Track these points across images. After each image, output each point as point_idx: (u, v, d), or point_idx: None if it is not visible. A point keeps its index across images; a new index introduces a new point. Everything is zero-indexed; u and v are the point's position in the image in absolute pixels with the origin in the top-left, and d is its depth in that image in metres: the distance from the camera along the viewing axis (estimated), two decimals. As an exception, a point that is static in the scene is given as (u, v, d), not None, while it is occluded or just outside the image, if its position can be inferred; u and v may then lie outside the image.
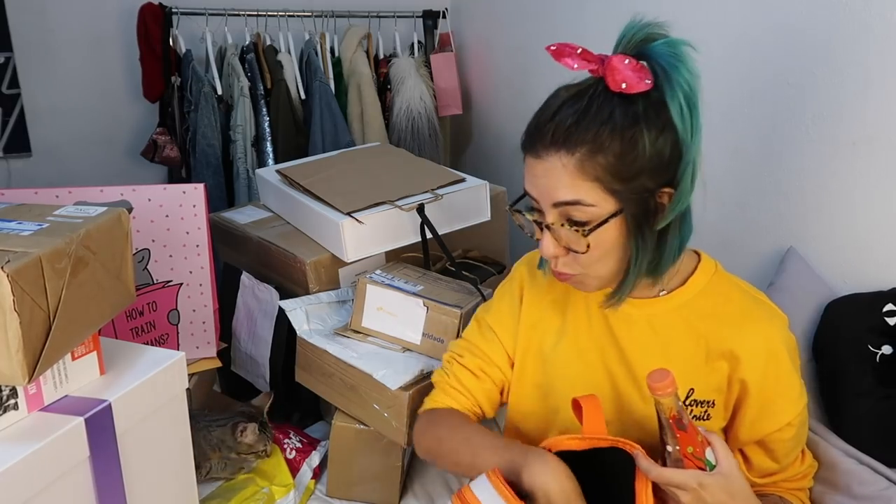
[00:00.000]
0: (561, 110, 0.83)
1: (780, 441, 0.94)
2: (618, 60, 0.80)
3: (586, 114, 0.81)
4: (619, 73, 0.80)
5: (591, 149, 0.81)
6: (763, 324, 0.92)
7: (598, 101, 0.82)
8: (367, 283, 1.33)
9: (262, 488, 1.30)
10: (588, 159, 0.81)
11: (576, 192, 0.83)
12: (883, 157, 1.26)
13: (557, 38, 0.82)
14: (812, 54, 1.36)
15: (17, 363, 0.72)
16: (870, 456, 1.14)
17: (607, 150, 0.81)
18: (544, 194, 0.85)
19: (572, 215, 0.84)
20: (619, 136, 0.80)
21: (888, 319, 1.19)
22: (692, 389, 0.92)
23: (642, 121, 0.80)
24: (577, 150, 0.81)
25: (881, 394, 1.18)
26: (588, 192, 0.82)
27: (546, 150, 0.83)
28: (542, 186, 0.85)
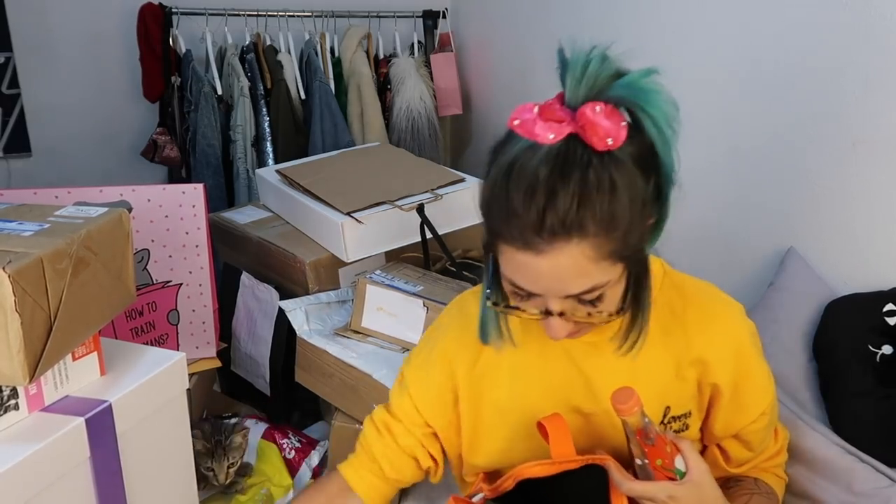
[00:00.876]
0: (554, 192, 0.68)
1: (755, 431, 0.93)
2: (591, 112, 0.68)
3: (586, 188, 0.69)
4: (599, 129, 0.68)
5: (606, 226, 0.70)
6: (724, 321, 0.89)
7: (593, 169, 0.69)
8: (367, 284, 1.33)
9: (261, 489, 1.30)
10: (603, 236, 0.70)
11: (591, 279, 0.72)
12: (883, 157, 1.26)
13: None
14: (812, 54, 1.36)
15: (18, 363, 0.72)
16: (870, 455, 1.15)
17: (620, 220, 0.70)
18: (551, 290, 0.74)
19: (583, 298, 0.75)
20: (628, 201, 0.70)
21: (888, 319, 1.19)
22: (668, 407, 0.88)
23: (638, 173, 0.71)
24: (591, 231, 0.69)
25: (881, 394, 1.18)
26: (603, 273, 0.73)
27: (551, 243, 0.70)
28: (547, 283, 0.73)
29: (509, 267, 0.75)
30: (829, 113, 1.35)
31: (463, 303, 0.99)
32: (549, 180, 0.69)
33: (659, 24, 1.68)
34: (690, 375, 0.88)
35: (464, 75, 2.68)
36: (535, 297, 0.76)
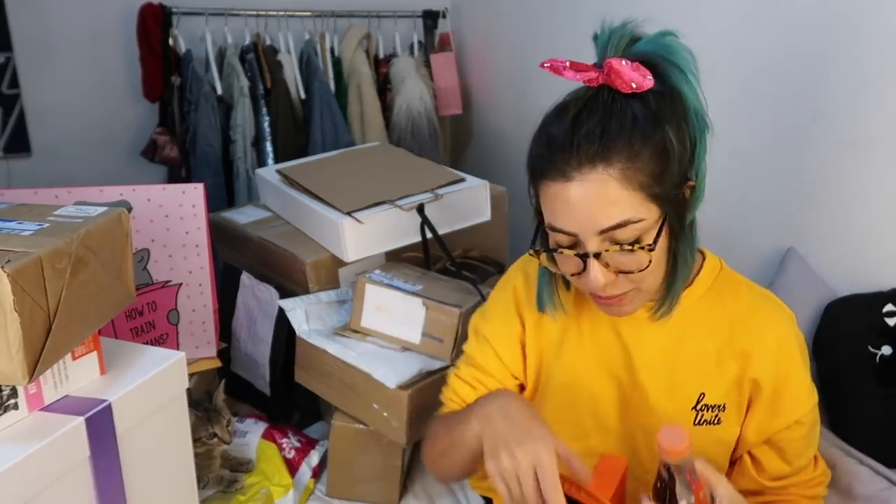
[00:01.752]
0: (580, 125, 0.77)
1: (791, 440, 0.91)
2: (618, 64, 0.77)
3: (611, 122, 0.76)
4: (625, 75, 0.76)
5: (629, 157, 0.75)
6: (773, 320, 0.90)
7: (616, 106, 0.77)
8: (367, 283, 1.33)
9: (261, 488, 1.30)
10: (629, 167, 0.76)
11: (623, 211, 0.76)
12: (883, 157, 1.26)
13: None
14: (812, 54, 1.36)
15: (18, 363, 0.72)
16: (870, 456, 1.15)
17: (643, 154, 0.76)
18: (585, 222, 0.77)
19: (618, 238, 0.77)
20: (650, 138, 0.76)
21: (888, 320, 1.19)
22: (703, 394, 0.90)
23: (663, 118, 0.77)
24: (616, 161, 0.75)
25: (881, 394, 1.18)
26: (635, 207, 0.77)
27: (580, 169, 0.76)
28: (581, 214, 0.77)
29: (548, 207, 0.80)
30: (828, 113, 1.35)
31: (525, 263, 1.03)
32: (577, 115, 0.78)
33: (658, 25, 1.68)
34: (731, 368, 0.89)
35: (464, 75, 2.68)
36: (575, 246, 0.80)
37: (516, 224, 1.87)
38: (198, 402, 1.32)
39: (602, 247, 0.78)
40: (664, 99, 0.78)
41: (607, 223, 0.77)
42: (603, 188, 0.76)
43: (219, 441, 1.29)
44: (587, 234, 0.78)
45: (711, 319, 0.90)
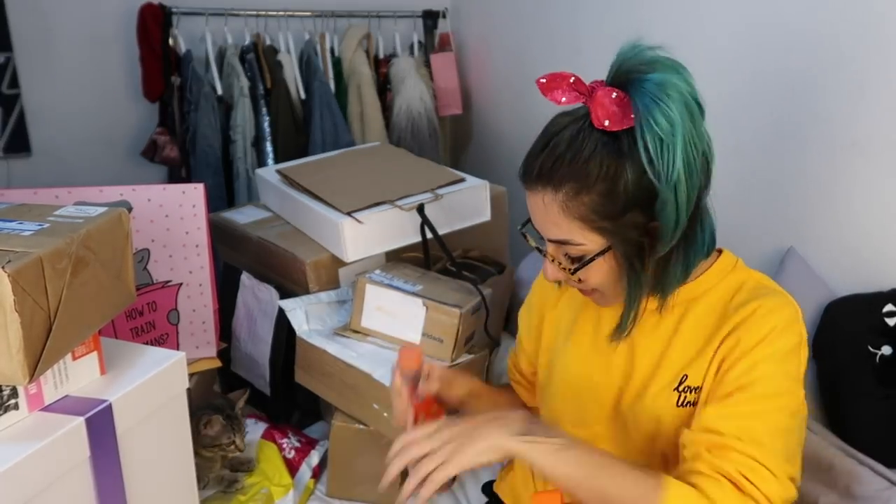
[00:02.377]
0: (552, 143, 0.82)
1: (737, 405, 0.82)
2: (604, 94, 0.78)
3: (571, 149, 0.80)
4: (602, 109, 0.78)
5: (574, 188, 0.80)
6: (763, 306, 0.87)
7: (585, 135, 0.80)
8: (367, 283, 1.33)
9: (261, 488, 1.30)
10: (572, 199, 0.81)
11: (562, 232, 0.84)
12: (883, 157, 1.26)
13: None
14: (812, 54, 1.36)
15: (18, 363, 0.72)
16: (870, 456, 1.14)
17: (591, 188, 0.80)
18: (540, 228, 0.87)
19: (567, 251, 0.86)
20: (604, 174, 0.79)
21: (888, 320, 1.19)
22: (686, 375, 0.89)
23: (626, 158, 0.78)
24: (561, 189, 0.81)
25: (881, 394, 1.18)
26: (575, 232, 0.83)
27: (534, 184, 0.84)
28: (536, 220, 0.87)
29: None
30: (828, 113, 1.35)
31: None
32: (556, 133, 0.82)
33: (658, 25, 1.68)
34: (711, 350, 0.89)
35: (464, 75, 2.68)
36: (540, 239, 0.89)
37: (516, 224, 1.87)
38: (220, 408, 1.33)
39: (553, 252, 0.88)
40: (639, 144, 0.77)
41: (551, 236, 0.86)
42: (548, 208, 0.83)
43: (235, 448, 1.31)
44: (546, 236, 0.87)
45: (711, 310, 0.91)
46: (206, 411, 1.30)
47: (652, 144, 0.76)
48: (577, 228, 0.83)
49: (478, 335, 1.39)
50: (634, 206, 0.80)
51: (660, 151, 0.76)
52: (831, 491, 1.11)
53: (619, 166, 0.79)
